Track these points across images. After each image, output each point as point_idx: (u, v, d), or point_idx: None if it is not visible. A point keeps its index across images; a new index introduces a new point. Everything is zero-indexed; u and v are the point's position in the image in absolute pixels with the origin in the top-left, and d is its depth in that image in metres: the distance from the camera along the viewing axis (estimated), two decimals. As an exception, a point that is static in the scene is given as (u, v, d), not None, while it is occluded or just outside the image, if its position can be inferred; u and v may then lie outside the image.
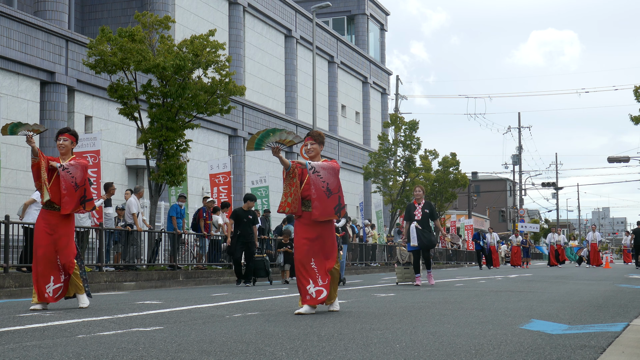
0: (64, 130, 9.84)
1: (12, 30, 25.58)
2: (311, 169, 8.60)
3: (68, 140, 9.72)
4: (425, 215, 16.48)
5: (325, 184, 8.61)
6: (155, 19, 22.47)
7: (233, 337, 6.19)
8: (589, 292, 13.52)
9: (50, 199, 9.40)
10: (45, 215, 9.51)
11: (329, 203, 8.62)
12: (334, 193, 8.66)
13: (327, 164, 8.76)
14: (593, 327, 7.17)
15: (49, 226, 9.44)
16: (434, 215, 16.73)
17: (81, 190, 9.49)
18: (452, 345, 5.72)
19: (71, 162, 9.54)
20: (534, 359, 5.05)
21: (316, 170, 8.61)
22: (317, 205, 8.55)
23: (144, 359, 4.96)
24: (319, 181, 8.59)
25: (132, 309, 9.48)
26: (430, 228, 16.74)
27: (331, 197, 8.63)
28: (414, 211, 16.48)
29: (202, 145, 34.82)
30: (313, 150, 8.92)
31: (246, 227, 18.40)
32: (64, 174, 9.36)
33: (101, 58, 21.51)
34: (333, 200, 8.65)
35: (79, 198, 9.48)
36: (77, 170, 9.48)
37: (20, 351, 5.40)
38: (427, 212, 16.52)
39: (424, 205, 16.62)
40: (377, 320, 7.76)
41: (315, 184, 8.57)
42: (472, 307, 9.78)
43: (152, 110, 22.05)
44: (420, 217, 16.42)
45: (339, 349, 5.44)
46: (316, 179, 8.59)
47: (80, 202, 9.51)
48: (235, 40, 38.92)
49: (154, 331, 6.72)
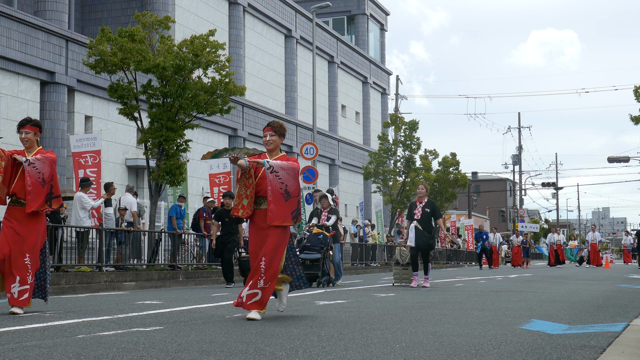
0: (26, 121, 9.04)
1: (12, 30, 25.58)
2: (269, 168, 8.00)
3: (31, 133, 8.95)
4: (425, 215, 15.87)
5: (284, 186, 8.03)
6: (155, 19, 22.47)
7: (233, 337, 6.19)
8: (589, 292, 13.53)
9: (17, 194, 8.78)
10: (12, 211, 8.85)
11: (287, 207, 8.03)
12: (293, 197, 8.08)
13: (286, 164, 8.13)
14: (593, 327, 7.17)
15: (16, 223, 8.76)
16: (436, 214, 16.03)
17: (48, 187, 8.81)
18: (452, 345, 5.72)
19: (37, 156, 8.86)
20: (534, 359, 5.06)
21: (274, 170, 8.00)
22: (273, 208, 7.96)
23: (144, 358, 4.96)
24: (277, 182, 8.00)
25: (132, 309, 9.48)
26: (431, 228, 16.00)
27: (289, 200, 8.05)
28: (415, 210, 15.98)
29: (202, 145, 34.81)
30: (272, 142, 8.27)
31: (227, 226, 17.72)
32: (29, 169, 8.69)
33: (101, 58, 21.50)
34: (291, 204, 8.07)
35: (46, 195, 8.79)
36: (44, 165, 8.81)
37: (20, 351, 5.40)
38: (428, 211, 15.90)
39: (426, 204, 16.01)
40: (377, 320, 7.76)
41: (273, 185, 7.99)
42: (472, 307, 9.78)
43: (152, 110, 22.04)
44: (420, 216, 15.84)
45: (339, 349, 5.44)
46: (274, 179, 8.00)
47: (47, 200, 8.82)
48: (235, 40, 38.92)
49: (154, 331, 6.72)
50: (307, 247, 16.28)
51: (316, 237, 16.44)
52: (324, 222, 17.31)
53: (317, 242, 16.32)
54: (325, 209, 17.59)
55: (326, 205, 17.64)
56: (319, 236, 16.44)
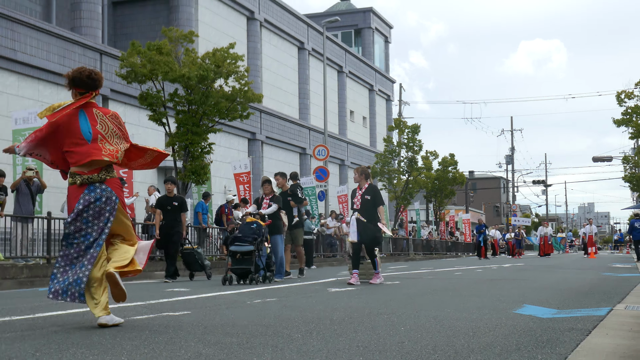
0: None
1: (52, 45, 25.68)
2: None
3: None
4: (366, 203, 12.35)
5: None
6: (180, 34, 22.53)
7: (254, 321, 6.21)
8: (576, 280, 13.49)
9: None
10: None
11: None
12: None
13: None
14: (580, 311, 7.17)
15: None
16: (377, 201, 12.43)
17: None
18: (452, 328, 5.73)
19: None
20: (527, 340, 5.06)
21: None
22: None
23: (174, 340, 4.99)
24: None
25: (163, 296, 9.51)
26: (376, 218, 12.44)
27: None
28: (354, 198, 12.42)
29: (224, 148, 34.86)
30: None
31: (168, 215, 15.01)
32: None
33: (132, 69, 21.58)
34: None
35: None
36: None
37: (63, 334, 5.43)
38: (369, 198, 12.36)
39: (366, 191, 12.44)
40: (383, 306, 7.77)
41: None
42: (470, 294, 9.78)
43: (179, 116, 22.12)
44: (361, 205, 12.34)
45: (349, 332, 5.46)
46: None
47: None
48: (253, 52, 38.95)
49: (182, 315, 6.75)
50: (238, 237, 13.03)
51: (249, 226, 13.13)
52: (263, 210, 13.89)
53: (249, 233, 13.00)
54: (267, 196, 14.10)
55: (268, 192, 14.15)
56: (251, 225, 13.13)
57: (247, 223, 13.24)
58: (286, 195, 15.22)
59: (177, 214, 15.02)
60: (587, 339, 5.10)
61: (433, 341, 4.96)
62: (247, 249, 12.83)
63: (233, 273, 12.93)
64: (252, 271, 12.79)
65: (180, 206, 15.07)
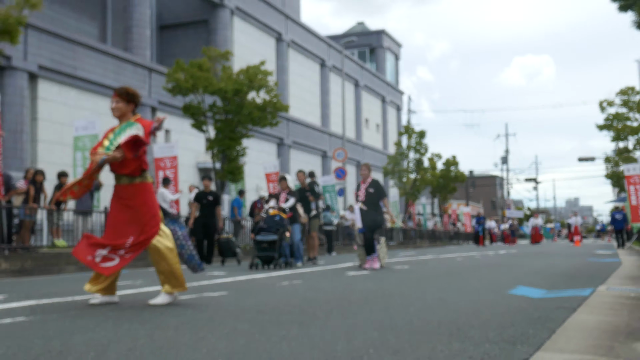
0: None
1: (107, 63, 25.87)
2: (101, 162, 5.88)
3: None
4: (369, 195, 12.62)
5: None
6: (218, 53, 22.60)
7: (282, 301, 6.22)
8: (564, 265, 13.38)
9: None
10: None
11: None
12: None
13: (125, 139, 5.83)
14: (567, 292, 7.11)
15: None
16: (380, 194, 12.62)
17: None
18: (455, 308, 5.71)
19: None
20: (520, 317, 5.03)
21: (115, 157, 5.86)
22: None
23: (214, 317, 5.01)
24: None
25: (203, 279, 9.55)
26: (378, 208, 12.70)
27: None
28: (358, 191, 12.80)
29: (256, 151, 34.94)
30: (118, 110, 5.99)
31: (205, 209, 15.12)
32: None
33: (177, 84, 21.69)
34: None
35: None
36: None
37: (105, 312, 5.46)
38: (372, 191, 12.61)
39: (369, 185, 12.73)
40: (395, 288, 7.75)
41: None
42: (470, 277, 9.73)
43: (217, 124, 22.19)
44: (365, 198, 12.66)
45: (365, 311, 5.45)
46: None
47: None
48: (281, 68, 39.00)
49: (220, 296, 6.76)
50: (264, 229, 13.23)
51: (272, 219, 13.35)
52: (282, 204, 14.08)
53: (273, 224, 13.23)
54: (284, 191, 14.20)
55: (285, 187, 14.23)
56: (275, 218, 13.35)
57: (271, 216, 13.38)
58: (304, 191, 15.29)
59: (212, 207, 15.07)
60: (573, 316, 5.06)
61: (438, 319, 4.94)
62: (272, 238, 12.99)
63: (259, 259, 12.99)
64: (276, 257, 12.91)
65: (215, 200, 15.08)
